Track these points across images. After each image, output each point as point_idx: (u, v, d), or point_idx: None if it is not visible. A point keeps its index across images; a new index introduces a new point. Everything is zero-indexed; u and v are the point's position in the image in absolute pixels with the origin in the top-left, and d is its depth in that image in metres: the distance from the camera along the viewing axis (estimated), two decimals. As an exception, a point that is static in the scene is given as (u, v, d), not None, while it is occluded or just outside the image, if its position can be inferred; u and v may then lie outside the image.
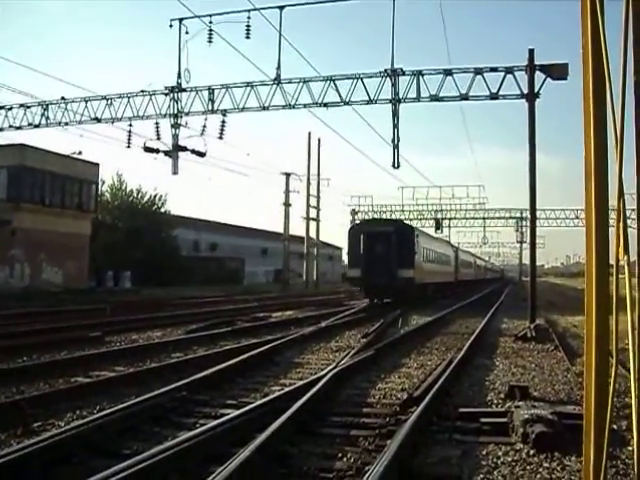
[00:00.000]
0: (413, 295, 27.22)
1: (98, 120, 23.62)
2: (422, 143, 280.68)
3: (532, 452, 5.43)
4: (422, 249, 29.35)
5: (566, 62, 18.22)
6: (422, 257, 29.30)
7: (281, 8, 19.80)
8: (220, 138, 22.87)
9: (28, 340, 12.42)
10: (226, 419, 5.94)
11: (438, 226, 53.38)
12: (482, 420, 6.36)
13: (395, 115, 20.02)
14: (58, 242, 33.33)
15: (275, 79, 20.91)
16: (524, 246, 67.67)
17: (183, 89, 22.13)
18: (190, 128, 22.74)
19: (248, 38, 19.95)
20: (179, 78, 21.89)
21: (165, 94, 22.47)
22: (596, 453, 2.84)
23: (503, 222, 63.39)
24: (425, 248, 30.49)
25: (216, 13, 20.08)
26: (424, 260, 29.91)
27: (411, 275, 26.43)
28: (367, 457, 5.25)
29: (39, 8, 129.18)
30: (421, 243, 29.22)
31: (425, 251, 30.42)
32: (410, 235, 27.46)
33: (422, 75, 20.05)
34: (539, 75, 18.42)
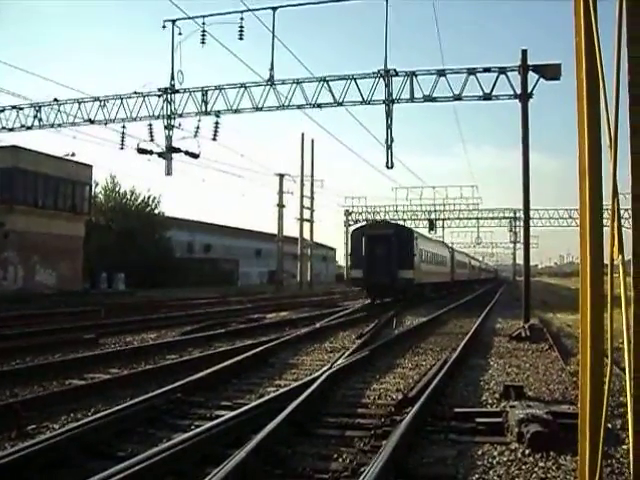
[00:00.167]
0: (413, 294, 28.52)
1: (91, 122, 23.60)
2: (416, 144, 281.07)
3: (527, 452, 5.44)
4: (421, 251, 30.54)
5: (559, 62, 18.39)
6: (421, 258, 30.51)
7: (274, 9, 19.85)
8: (214, 139, 22.94)
9: (22, 342, 12.35)
10: (221, 420, 5.93)
11: (432, 226, 53.55)
12: (477, 420, 6.36)
13: (388, 116, 20.08)
14: (51, 244, 33.19)
15: (268, 80, 20.93)
16: (518, 246, 67.87)
17: (176, 90, 22.12)
18: (184, 129, 22.82)
19: (241, 39, 20.03)
20: (172, 79, 21.90)
21: (158, 95, 22.46)
22: (591, 452, 2.84)
23: (497, 222, 63.62)
24: (423, 250, 31.71)
25: (209, 14, 20.14)
26: (423, 261, 31.14)
27: (411, 276, 27.76)
28: (363, 458, 5.25)
29: (30, 11, 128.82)
30: (420, 245, 30.44)
31: (423, 253, 31.62)
32: (410, 237, 28.80)
33: (415, 76, 20.14)
34: (532, 75, 18.54)
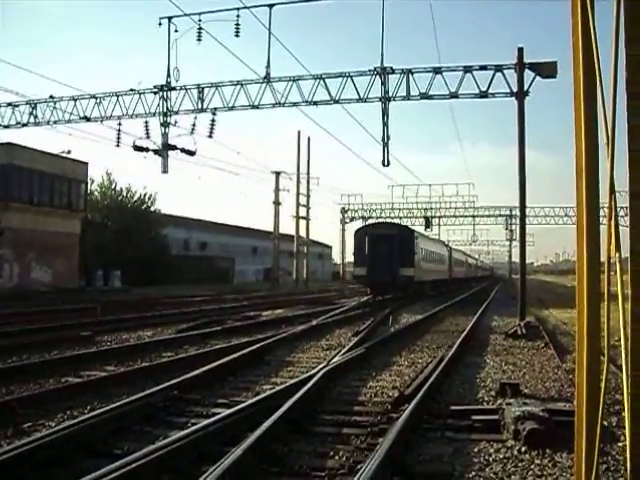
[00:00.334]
0: (413, 291, 29.79)
1: (87, 119, 23.53)
2: (412, 141, 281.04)
3: (524, 449, 5.45)
4: (421, 250, 31.91)
5: (555, 60, 18.42)
6: (421, 257, 31.87)
7: (270, 6, 19.77)
8: (210, 137, 22.85)
9: (18, 340, 12.33)
10: (217, 418, 5.93)
11: (428, 224, 53.65)
12: (474, 417, 6.37)
13: (385, 113, 20.07)
14: (47, 241, 33.14)
15: (265, 77, 20.89)
16: (514, 244, 68.06)
17: (172, 88, 22.04)
18: (180, 127, 22.73)
19: (237, 36, 19.95)
20: (168, 77, 21.79)
21: (154, 93, 22.38)
22: (588, 449, 2.85)
23: (493, 220, 63.83)
24: (423, 249, 33.11)
25: (205, 11, 20.06)
26: (422, 260, 32.43)
27: (411, 273, 29.22)
28: (359, 455, 5.25)
29: (31, 11, 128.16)
30: (420, 244, 31.89)
31: (423, 251, 33.00)
32: (410, 237, 30.33)
33: (412, 73, 20.15)
34: (528, 73, 18.52)
